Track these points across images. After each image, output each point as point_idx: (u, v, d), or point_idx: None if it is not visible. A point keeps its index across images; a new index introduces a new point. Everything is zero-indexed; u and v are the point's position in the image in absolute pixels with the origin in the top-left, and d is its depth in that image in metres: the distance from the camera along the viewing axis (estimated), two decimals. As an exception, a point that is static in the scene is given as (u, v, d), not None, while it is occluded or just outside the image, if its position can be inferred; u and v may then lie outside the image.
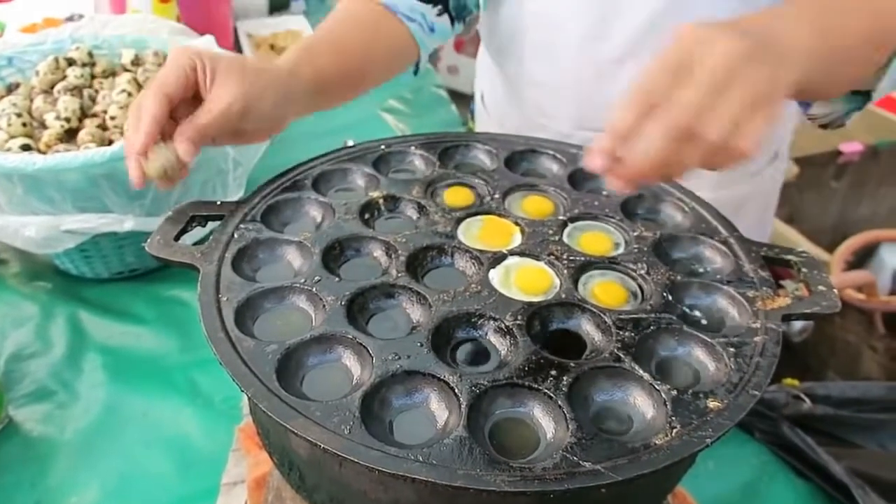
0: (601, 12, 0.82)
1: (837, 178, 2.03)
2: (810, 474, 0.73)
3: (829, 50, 0.51)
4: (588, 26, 0.83)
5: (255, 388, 0.44)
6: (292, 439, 0.47)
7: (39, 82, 1.00)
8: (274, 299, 0.53)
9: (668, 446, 0.42)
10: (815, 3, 0.53)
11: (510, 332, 0.50)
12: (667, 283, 0.56)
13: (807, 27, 0.51)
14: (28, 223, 0.83)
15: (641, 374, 0.47)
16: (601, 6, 0.82)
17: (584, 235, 0.62)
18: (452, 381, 0.45)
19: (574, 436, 0.42)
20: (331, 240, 0.58)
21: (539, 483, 0.39)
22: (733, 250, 0.59)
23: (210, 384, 0.80)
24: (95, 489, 0.69)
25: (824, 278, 0.56)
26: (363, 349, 0.48)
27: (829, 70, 0.52)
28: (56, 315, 0.88)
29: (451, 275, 0.57)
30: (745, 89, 0.46)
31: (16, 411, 0.76)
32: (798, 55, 0.50)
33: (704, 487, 0.70)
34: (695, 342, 0.51)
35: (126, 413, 0.77)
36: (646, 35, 0.81)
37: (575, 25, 0.84)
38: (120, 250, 0.91)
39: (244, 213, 0.60)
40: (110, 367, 0.82)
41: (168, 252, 0.56)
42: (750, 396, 0.46)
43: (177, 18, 1.35)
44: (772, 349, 0.49)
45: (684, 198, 0.66)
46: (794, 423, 0.77)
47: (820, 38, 0.51)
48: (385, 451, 0.41)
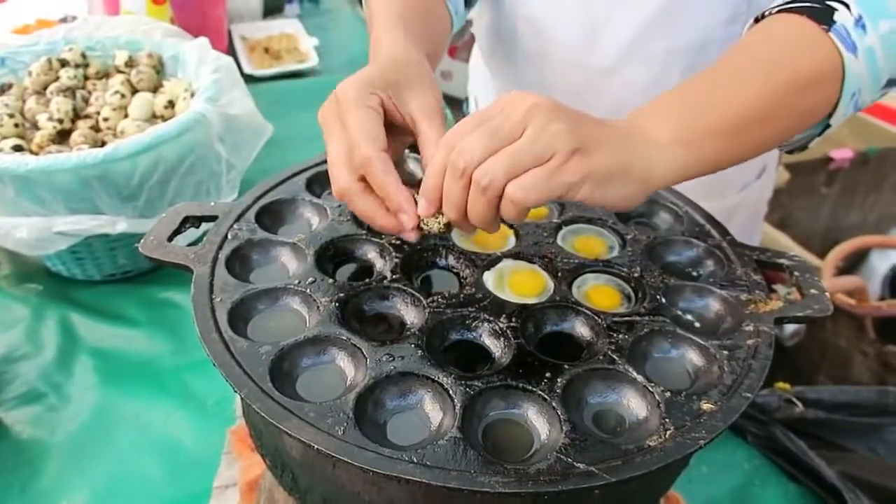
0: (591, 22, 0.82)
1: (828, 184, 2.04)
2: (802, 478, 0.73)
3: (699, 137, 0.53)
4: (578, 35, 0.84)
5: (249, 389, 0.44)
6: (286, 440, 0.46)
7: (32, 83, 0.99)
8: (268, 300, 0.53)
9: (662, 448, 0.42)
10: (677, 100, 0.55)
11: (504, 334, 0.50)
12: (660, 286, 0.56)
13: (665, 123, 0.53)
14: (19, 224, 0.83)
15: (635, 376, 0.47)
16: (591, 16, 0.82)
17: (578, 238, 0.62)
18: (446, 383, 0.45)
19: (568, 437, 0.43)
20: (325, 241, 0.58)
21: (533, 484, 0.40)
22: (726, 254, 0.60)
23: (202, 387, 0.79)
24: (86, 492, 0.69)
25: (816, 282, 0.56)
26: (357, 350, 0.48)
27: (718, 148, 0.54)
28: (47, 317, 0.88)
29: (445, 277, 0.57)
30: (532, 143, 0.47)
31: (6, 414, 0.75)
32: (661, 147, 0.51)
33: (697, 491, 0.70)
34: (688, 345, 0.51)
35: (117, 416, 0.76)
36: (635, 45, 0.82)
37: (566, 33, 0.85)
38: (112, 252, 0.91)
39: (238, 214, 0.60)
40: (102, 369, 0.82)
41: (161, 253, 0.55)
42: (743, 399, 0.46)
43: (171, 20, 1.34)
44: (765, 352, 0.49)
45: (678, 202, 0.66)
46: (786, 427, 0.78)
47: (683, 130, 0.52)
48: (379, 453, 0.40)
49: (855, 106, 0.58)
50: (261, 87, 1.36)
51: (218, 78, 0.95)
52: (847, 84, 0.55)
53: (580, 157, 0.47)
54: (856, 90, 0.56)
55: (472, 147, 0.47)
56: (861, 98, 0.58)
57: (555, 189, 0.47)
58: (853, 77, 0.55)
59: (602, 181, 0.48)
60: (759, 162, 1.00)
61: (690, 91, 0.55)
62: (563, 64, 0.86)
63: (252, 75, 1.43)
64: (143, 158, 0.83)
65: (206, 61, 0.99)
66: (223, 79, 0.95)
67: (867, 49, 0.55)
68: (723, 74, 0.56)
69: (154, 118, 0.97)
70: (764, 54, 0.56)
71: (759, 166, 1.01)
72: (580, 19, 0.83)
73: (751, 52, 0.57)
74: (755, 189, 1.02)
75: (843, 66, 0.54)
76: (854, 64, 0.54)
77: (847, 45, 0.54)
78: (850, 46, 0.54)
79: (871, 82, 0.56)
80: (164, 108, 0.97)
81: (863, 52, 0.55)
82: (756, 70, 0.55)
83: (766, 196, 1.09)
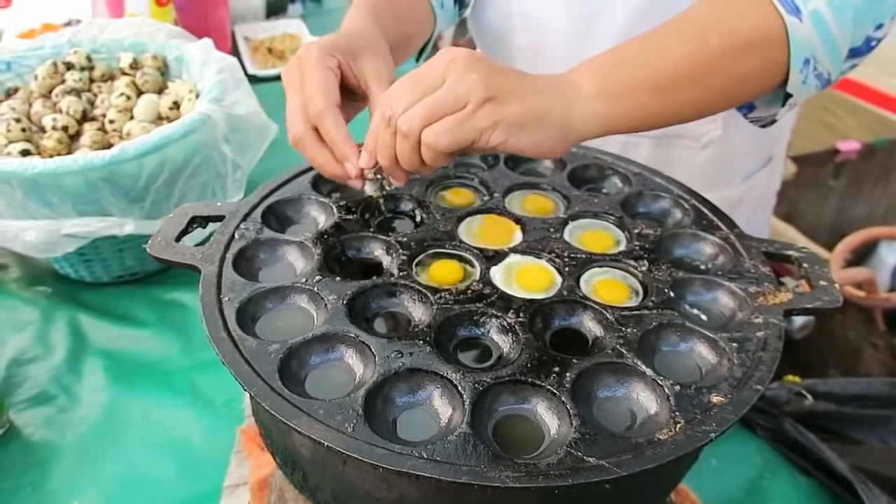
0: (584, 14, 0.82)
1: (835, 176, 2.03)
2: (813, 471, 0.73)
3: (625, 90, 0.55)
4: (572, 27, 0.84)
5: (258, 388, 0.44)
6: (295, 438, 0.46)
7: (38, 87, 1.00)
8: (275, 299, 0.53)
9: (672, 441, 0.42)
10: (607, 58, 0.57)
11: (512, 330, 0.50)
12: (668, 279, 0.56)
13: (592, 76, 0.55)
14: (28, 227, 0.83)
15: (644, 370, 0.47)
16: (583, 8, 0.82)
17: (585, 233, 0.62)
18: (455, 379, 0.45)
19: (578, 432, 0.42)
20: (331, 239, 0.58)
21: (544, 479, 0.39)
22: (734, 247, 0.59)
23: (211, 387, 0.80)
24: (96, 493, 0.69)
25: (825, 273, 0.56)
26: (365, 347, 0.48)
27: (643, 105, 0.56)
28: (56, 319, 0.88)
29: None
30: (447, 91, 0.50)
31: (17, 416, 0.76)
32: (586, 98, 0.54)
33: (707, 485, 0.70)
34: (697, 338, 0.51)
35: (127, 417, 0.77)
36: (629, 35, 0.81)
37: (559, 26, 0.85)
38: (120, 254, 0.91)
39: (245, 213, 0.60)
40: (111, 370, 0.82)
41: (169, 253, 0.55)
42: (753, 391, 0.45)
43: (174, 22, 1.35)
44: (774, 344, 0.49)
45: (684, 195, 0.66)
46: (797, 420, 0.77)
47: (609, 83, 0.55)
48: (389, 449, 0.40)
49: (818, 77, 0.59)
50: (264, 88, 1.36)
51: (222, 78, 0.95)
52: (794, 49, 0.56)
53: (493, 105, 0.50)
54: (809, 56, 0.57)
55: (398, 99, 0.52)
56: (821, 67, 0.58)
57: (466, 133, 0.50)
58: (800, 42, 0.55)
59: (515, 127, 0.51)
60: (765, 151, 0.99)
61: (622, 50, 0.58)
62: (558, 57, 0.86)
63: (256, 76, 1.43)
64: (150, 160, 0.84)
65: (210, 62, 0.99)
66: (227, 79, 0.96)
67: (812, 12, 0.55)
68: (656, 36, 0.58)
69: (159, 119, 0.97)
70: (700, 17, 0.58)
71: (764, 155, 1.00)
72: (573, 11, 0.83)
73: (688, 16, 0.59)
74: (761, 178, 1.01)
75: (786, 30, 0.55)
76: (799, 28, 0.55)
77: (789, 8, 0.55)
78: (793, 9, 0.55)
79: (826, 50, 0.57)
80: (170, 109, 0.97)
81: (808, 16, 0.55)
82: (688, 31, 0.57)
83: (774, 187, 1.08)
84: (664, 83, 0.56)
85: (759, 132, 0.83)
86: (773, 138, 0.99)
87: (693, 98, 0.57)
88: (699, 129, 0.89)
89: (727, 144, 0.91)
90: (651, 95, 0.56)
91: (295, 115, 0.58)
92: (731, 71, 0.57)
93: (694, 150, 0.90)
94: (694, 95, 0.57)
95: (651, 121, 0.57)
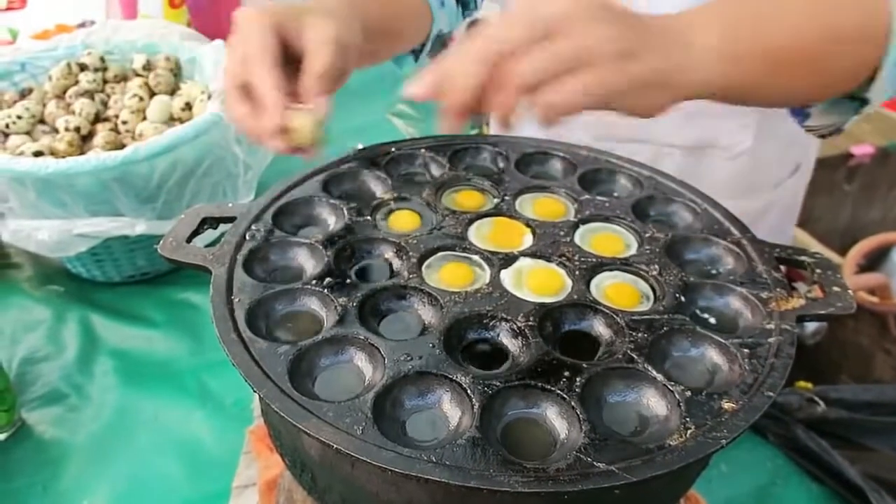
0: None
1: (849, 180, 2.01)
2: (825, 478, 0.73)
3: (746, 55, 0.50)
4: None
5: (268, 389, 0.44)
6: (305, 440, 0.46)
7: (52, 87, 1.00)
8: (286, 301, 0.53)
9: (683, 447, 0.42)
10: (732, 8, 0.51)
11: (522, 333, 0.50)
12: (679, 284, 0.55)
13: (716, 30, 0.49)
14: (40, 227, 0.84)
15: (655, 375, 0.47)
16: None
17: (595, 237, 0.61)
18: (465, 382, 0.45)
19: (588, 437, 0.42)
20: (342, 241, 0.58)
21: (553, 484, 0.39)
22: (746, 251, 0.59)
23: (221, 387, 0.80)
24: (107, 492, 0.69)
25: (839, 279, 0.55)
26: (375, 350, 0.48)
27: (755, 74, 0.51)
28: (68, 319, 0.89)
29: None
30: (577, 46, 0.44)
31: (28, 414, 0.76)
32: (705, 54, 0.48)
33: (717, 491, 0.69)
34: (708, 343, 0.50)
35: (137, 416, 0.77)
36: None
37: None
38: (131, 254, 0.92)
39: (256, 215, 0.61)
40: (121, 370, 0.82)
41: (180, 254, 0.56)
42: (765, 398, 0.45)
43: (187, 24, 1.36)
44: (787, 350, 0.49)
45: (696, 199, 0.65)
46: (808, 427, 0.77)
47: (732, 43, 0.49)
48: (398, 452, 0.40)
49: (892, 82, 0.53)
50: (276, 89, 1.37)
51: (234, 80, 0.95)
52: (893, 49, 0.51)
53: (625, 64, 0.45)
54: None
55: (510, 35, 0.45)
56: None
57: (598, 99, 0.45)
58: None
59: (642, 90, 0.46)
60: (793, 159, 0.98)
61: (745, 4, 0.52)
62: None
63: (268, 77, 1.44)
64: (162, 160, 0.84)
65: (222, 63, 0.99)
66: (239, 81, 0.96)
67: None
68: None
69: (172, 120, 0.98)
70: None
71: (792, 164, 0.99)
72: None
73: None
74: (789, 187, 1.00)
75: (890, 27, 0.50)
76: None
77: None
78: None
79: None
80: (182, 110, 0.97)
81: None
82: (808, 6, 0.51)
83: (801, 195, 1.07)
84: (782, 58, 0.50)
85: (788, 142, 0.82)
86: (803, 146, 0.97)
87: (796, 79, 0.52)
88: (731, 140, 0.87)
89: (758, 155, 0.89)
90: (766, 67, 0.50)
91: (228, 72, 0.56)
92: (834, 61, 0.52)
93: (724, 161, 0.89)
94: (798, 75, 0.52)
95: (752, 95, 0.52)
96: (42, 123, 0.97)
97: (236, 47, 0.56)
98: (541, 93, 0.44)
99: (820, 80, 0.53)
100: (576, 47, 0.44)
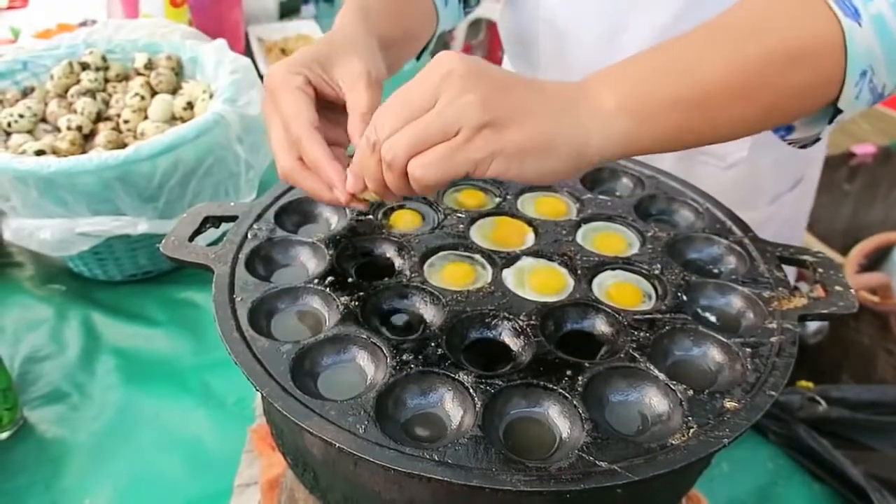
0: (610, 23, 0.82)
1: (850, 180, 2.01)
2: (826, 477, 0.72)
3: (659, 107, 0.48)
4: (598, 37, 0.83)
5: (270, 388, 0.44)
6: (307, 439, 0.47)
7: (54, 86, 1.00)
8: (288, 300, 0.53)
9: (685, 446, 0.42)
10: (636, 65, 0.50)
11: (524, 333, 0.50)
12: (681, 283, 0.55)
13: (624, 88, 0.49)
14: (43, 226, 0.84)
15: (657, 375, 0.47)
16: (609, 17, 0.81)
17: (597, 236, 0.61)
18: (467, 381, 0.45)
19: (590, 436, 0.42)
20: (344, 240, 0.58)
21: (555, 483, 0.39)
22: (748, 251, 0.59)
23: (222, 386, 0.80)
24: (108, 490, 0.69)
25: (841, 278, 0.55)
26: (377, 349, 0.48)
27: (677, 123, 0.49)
28: (70, 317, 0.89)
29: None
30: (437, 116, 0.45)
31: (30, 413, 0.76)
32: (609, 117, 0.48)
33: (719, 490, 0.69)
34: (710, 342, 0.50)
35: (139, 415, 0.77)
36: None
37: (585, 35, 0.84)
38: (133, 253, 0.91)
39: (258, 214, 0.61)
40: (123, 369, 0.82)
41: (182, 253, 0.56)
42: (767, 396, 0.45)
43: (189, 23, 1.35)
44: (789, 349, 0.49)
45: (698, 198, 0.65)
46: (809, 426, 0.76)
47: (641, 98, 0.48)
48: (400, 451, 0.40)
49: (872, 91, 0.51)
50: (278, 88, 1.37)
51: (236, 79, 0.95)
52: (852, 59, 0.48)
53: (490, 132, 0.44)
54: (866, 68, 0.49)
55: (383, 121, 0.47)
56: (878, 79, 0.50)
57: (458, 166, 0.45)
58: (859, 51, 0.48)
59: (516, 157, 0.45)
60: (794, 173, 0.95)
61: (650, 57, 0.50)
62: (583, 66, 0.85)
63: (269, 76, 1.44)
64: (163, 160, 0.84)
65: (224, 63, 1.00)
66: (241, 80, 0.96)
67: (874, 16, 0.48)
68: (689, 42, 0.50)
69: (173, 120, 0.98)
70: (744, 21, 0.50)
71: (793, 177, 0.96)
72: (600, 22, 0.82)
73: (726, 20, 0.51)
74: (789, 201, 0.96)
75: (843, 37, 0.48)
76: (858, 34, 0.48)
77: (847, 10, 0.48)
78: (852, 12, 0.48)
79: (887, 61, 0.49)
80: (184, 109, 0.97)
81: (868, 20, 0.48)
82: (732, 37, 0.49)
83: (805, 208, 1.04)
84: (698, 99, 0.49)
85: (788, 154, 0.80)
86: (804, 159, 0.94)
87: (732, 116, 0.50)
88: (724, 149, 0.85)
89: (753, 166, 0.88)
90: (682, 112, 0.49)
91: (279, 149, 0.54)
92: (778, 84, 0.49)
93: (718, 169, 0.88)
94: (733, 113, 0.50)
95: (681, 141, 0.51)
96: (44, 122, 0.97)
97: (273, 116, 0.55)
98: (410, 167, 0.46)
99: (771, 103, 0.51)
100: (438, 119, 0.45)
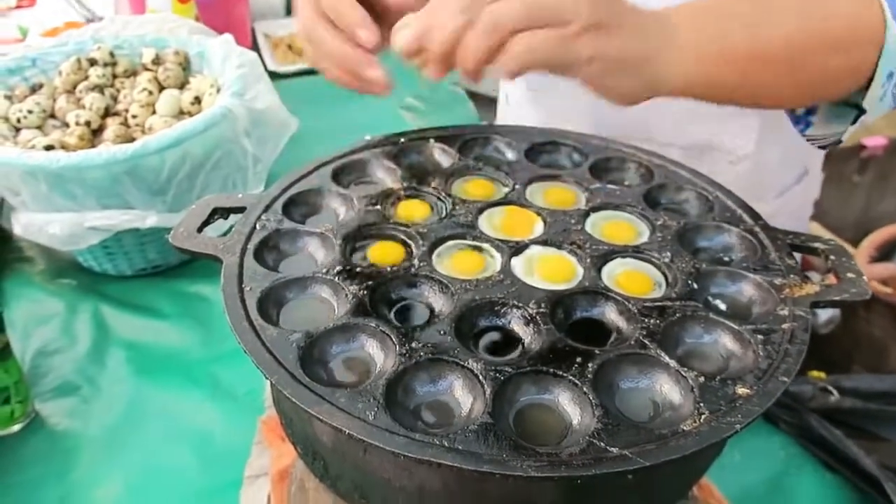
0: None
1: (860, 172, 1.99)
2: (839, 466, 0.72)
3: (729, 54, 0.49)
4: None
5: (280, 376, 0.44)
6: (317, 426, 0.47)
7: (62, 83, 1.01)
8: (297, 289, 0.53)
9: (697, 432, 0.41)
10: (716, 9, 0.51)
11: (534, 320, 0.50)
12: (692, 271, 0.55)
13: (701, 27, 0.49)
14: (52, 220, 0.84)
15: (668, 361, 0.47)
16: None
17: (606, 224, 0.61)
18: (476, 369, 0.45)
19: (600, 422, 0.42)
20: (352, 231, 0.58)
21: (566, 468, 0.39)
22: (759, 238, 0.58)
23: (232, 378, 0.80)
24: (120, 482, 0.70)
25: (853, 265, 0.55)
26: (386, 337, 0.48)
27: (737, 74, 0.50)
28: (80, 311, 0.89)
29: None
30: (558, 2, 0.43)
31: (41, 406, 0.77)
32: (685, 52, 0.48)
33: (730, 479, 0.69)
34: (722, 329, 0.50)
35: (149, 407, 0.77)
36: None
37: None
38: (142, 247, 0.92)
39: (266, 205, 0.61)
40: (133, 362, 0.83)
41: (191, 244, 0.56)
42: (780, 383, 0.45)
43: (196, 18, 1.36)
44: (801, 336, 0.48)
45: (707, 187, 0.65)
46: (821, 416, 0.76)
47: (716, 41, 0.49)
48: (410, 437, 0.40)
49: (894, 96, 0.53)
50: (284, 84, 1.37)
51: (243, 73, 0.95)
52: (885, 58, 0.50)
53: (598, 34, 0.44)
54: (893, 69, 0.51)
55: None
56: None
57: (563, 58, 0.44)
58: (892, 50, 0.50)
59: (612, 65, 0.45)
60: (799, 166, 0.96)
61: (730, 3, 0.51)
62: None
63: (276, 72, 1.44)
64: (171, 153, 0.84)
65: (230, 57, 1.00)
66: (248, 74, 0.96)
67: None
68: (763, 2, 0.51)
69: (181, 114, 0.98)
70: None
71: (798, 170, 0.97)
72: None
73: None
74: (796, 194, 0.97)
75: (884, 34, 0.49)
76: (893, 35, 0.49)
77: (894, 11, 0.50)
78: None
79: None
80: (191, 104, 0.98)
81: None
82: (794, 8, 0.51)
83: (810, 200, 1.05)
84: (769, 58, 0.50)
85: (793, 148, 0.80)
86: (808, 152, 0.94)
87: (780, 83, 0.52)
88: (732, 143, 0.86)
89: (760, 160, 0.88)
90: (745, 66, 0.50)
91: (304, 7, 0.52)
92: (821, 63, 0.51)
93: (725, 165, 0.88)
94: (782, 80, 0.52)
95: (730, 94, 0.52)
96: (53, 118, 0.97)
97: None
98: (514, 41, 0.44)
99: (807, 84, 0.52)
100: (556, 4, 0.43)
